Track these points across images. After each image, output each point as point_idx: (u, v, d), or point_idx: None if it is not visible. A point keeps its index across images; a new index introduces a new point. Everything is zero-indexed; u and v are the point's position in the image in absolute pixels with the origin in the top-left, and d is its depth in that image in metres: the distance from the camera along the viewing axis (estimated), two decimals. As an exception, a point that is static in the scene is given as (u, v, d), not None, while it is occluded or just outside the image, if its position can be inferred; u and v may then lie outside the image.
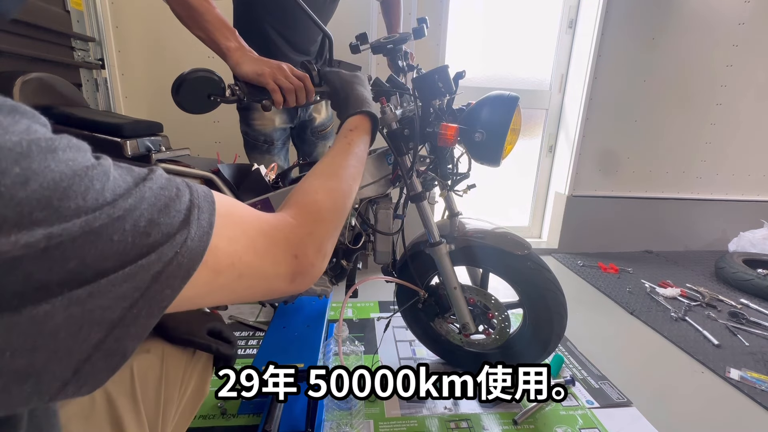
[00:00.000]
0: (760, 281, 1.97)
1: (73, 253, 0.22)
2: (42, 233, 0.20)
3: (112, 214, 0.23)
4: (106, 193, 0.24)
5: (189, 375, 0.64)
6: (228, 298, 0.35)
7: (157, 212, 0.26)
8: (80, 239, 0.22)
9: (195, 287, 0.29)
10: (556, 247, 2.52)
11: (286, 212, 0.43)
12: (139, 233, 0.25)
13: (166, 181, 0.28)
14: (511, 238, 1.12)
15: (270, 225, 0.38)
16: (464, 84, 1.02)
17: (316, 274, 0.42)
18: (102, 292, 0.23)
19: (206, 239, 0.29)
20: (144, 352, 0.60)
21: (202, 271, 0.29)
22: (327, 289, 1.12)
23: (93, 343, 0.24)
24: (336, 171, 0.55)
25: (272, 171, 1.21)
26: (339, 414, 1.10)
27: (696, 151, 2.51)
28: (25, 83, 0.95)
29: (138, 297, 0.25)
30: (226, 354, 0.68)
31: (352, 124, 0.67)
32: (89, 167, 0.24)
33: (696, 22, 2.24)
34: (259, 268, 0.35)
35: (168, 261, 0.26)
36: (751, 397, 1.27)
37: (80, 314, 0.22)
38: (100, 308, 0.23)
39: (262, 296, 0.39)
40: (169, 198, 0.27)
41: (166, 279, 0.26)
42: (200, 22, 0.85)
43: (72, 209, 0.22)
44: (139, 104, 1.93)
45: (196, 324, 0.66)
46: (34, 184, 0.21)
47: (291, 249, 0.39)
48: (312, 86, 0.86)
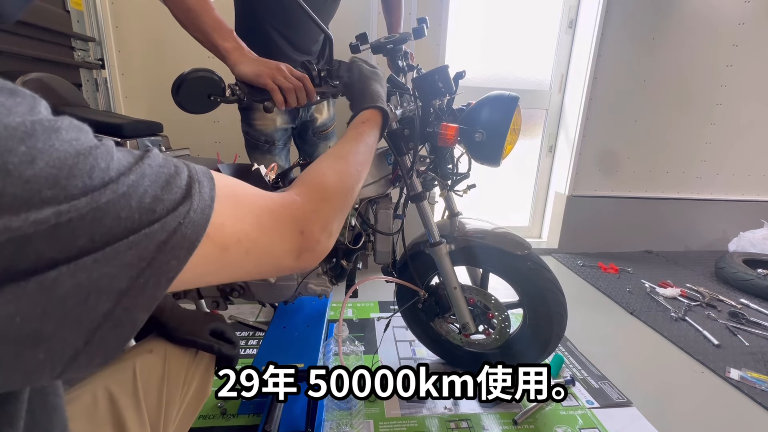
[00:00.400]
0: (760, 281, 1.97)
1: (82, 230, 0.22)
2: (51, 211, 0.21)
3: (117, 190, 0.24)
4: (111, 171, 0.24)
5: (191, 375, 0.65)
6: (237, 274, 0.35)
7: (160, 188, 0.27)
8: (89, 216, 0.22)
9: (204, 264, 0.30)
10: (556, 247, 2.52)
11: (293, 191, 0.44)
12: (144, 209, 0.25)
13: (163, 160, 0.29)
14: (511, 238, 1.12)
15: (275, 202, 0.39)
16: (464, 84, 1.02)
17: (322, 251, 0.42)
18: (107, 259, 0.23)
19: (208, 212, 0.30)
20: (147, 352, 0.60)
21: (210, 247, 0.30)
22: (327, 289, 1.12)
23: (102, 312, 0.24)
24: (345, 155, 0.56)
25: (272, 171, 1.21)
26: (339, 414, 1.10)
27: (696, 151, 2.51)
28: (25, 83, 0.95)
29: (144, 266, 0.25)
30: (229, 354, 0.68)
31: (364, 117, 0.68)
32: (93, 147, 0.24)
33: (696, 22, 2.24)
34: (266, 244, 0.36)
35: (172, 231, 0.27)
36: (751, 397, 1.27)
37: (87, 282, 0.23)
38: (107, 276, 0.24)
39: (269, 273, 0.40)
40: (169, 174, 0.28)
41: (171, 249, 0.27)
42: (198, 24, 0.85)
43: (79, 187, 0.22)
44: (139, 104, 1.93)
45: (199, 324, 0.66)
46: (40, 162, 0.21)
47: (297, 225, 0.39)
48: (312, 86, 0.86)
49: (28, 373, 0.23)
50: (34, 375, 0.23)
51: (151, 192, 0.26)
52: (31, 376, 0.23)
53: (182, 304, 0.77)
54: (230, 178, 0.36)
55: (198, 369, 0.66)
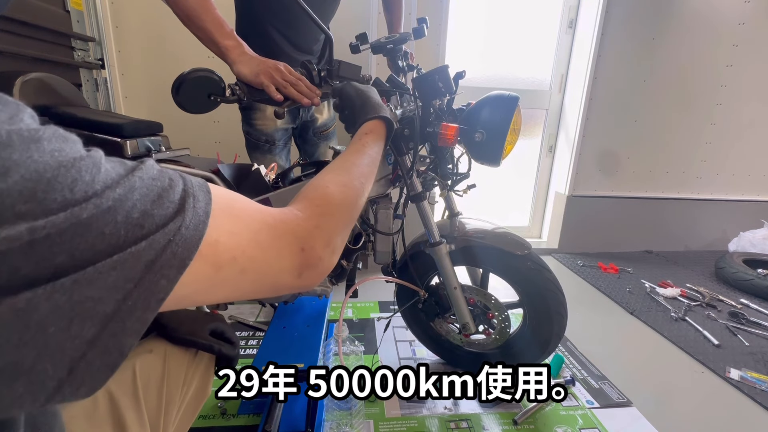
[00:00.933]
0: (760, 281, 1.97)
1: (61, 247, 0.21)
2: (25, 227, 0.19)
3: (101, 205, 0.22)
4: (96, 185, 0.23)
5: (191, 375, 0.65)
6: (232, 294, 0.33)
7: (150, 203, 0.25)
8: (68, 232, 0.21)
9: (196, 282, 0.28)
10: (556, 247, 2.52)
11: (294, 206, 0.42)
12: (132, 225, 0.24)
13: (157, 172, 0.27)
14: (511, 238, 1.12)
15: (274, 218, 0.37)
16: (464, 84, 1.02)
17: (325, 269, 0.40)
18: (89, 280, 0.22)
19: (202, 228, 0.28)
20: (146, 352, 0.60)
21: (202, 265, 0.28)
22: (327, 289, 1.12)
23: (87, 339, 0.22)
24: (348, 168, 0.54)
25: (272, 171, 1.21)
26: (339, 414, 1.10)
27: (696, 151, 2.51)
28: (25, 83, 0.95)
29: (131, 288, 0.24)
30: (229, 355, 0.68)
31: (367, 128, 0.67)
32: (77, 158, 0.23)
33: (696, 22, 2.24)
34: (263, 262, 0.34)
35: (161, 249, 0.25)
36: (751, 397, 1.27)
37: (68, 305, 0.21)
38: (91, 300, 0.22)
39: (268, 293, 0.37)
40: (162, 188, 0.26)
41: (160, 268, 0.25)
42: (199, 22, 0.86)
43: (58, 201, 0.21)
44: (139, 104, 1.93)
45: (199, 324, 0.66)
46: (15, 175, 0.20)
47: (297, 242, 0.37)
48: (311, 85, 0.86)
49: (6, 407, 0.21)
50: (13, 408, 0.22)
51: (140, 206, 0.24)
52: (9, 409, 0.21)
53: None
54: (227, 192, 0.34)
55: (198, 369, 0.66)
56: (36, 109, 0.24)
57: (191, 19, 0.86)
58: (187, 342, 0.64)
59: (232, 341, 0.70)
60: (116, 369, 0.25)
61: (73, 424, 0.48)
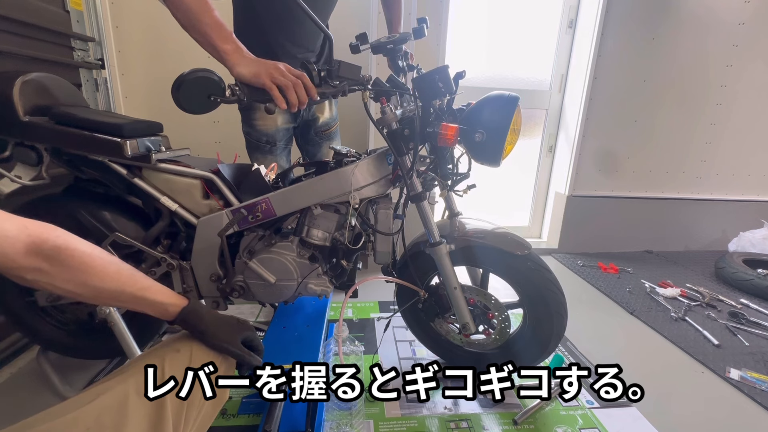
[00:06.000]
0: (760, 281, 1.97)
1: None
2: None
3: None
4: None
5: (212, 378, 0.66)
6: None
7: None
8: None
9: None
10: (556, 247, 2.52)
11: None
12: None
13: None
14: (511, 238, 1.11)
15: None
16: (464, 84, 1.02)
17: None
18: None
19: None
20: (174, 351, 0.63)
21: None
22: (327, 289, 1.12)
23: None
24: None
25: (272, 171, 1.21)
26: (339, 414, 1.11)
27: (696, 151, 2.51)
28: (25, 83, 0.95)
29: None
30: (256, 365, 0.71)
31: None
32: None
33: (696, 23, 2.24)
34: None
35: None
36: (751, 397, 1.27)
37: None
38: None
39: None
40: None
41: None
42: (198, 25, 0.85)
43: None
44: (139, 104, 1.93)
45: (234, 333, 0.69)
46: None
47: None
48: (311, 84, 0.86)
49: None
50: None
51: None
52: None
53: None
54: None
55: (219, 372, 0.68)
56: (36, 109, 0.24)
57: (189, 21, 0.85)
58: (222, 349, 0.67)
59: (259, 350, 0.73)
60: None
61: (104, 415, 0.50)
